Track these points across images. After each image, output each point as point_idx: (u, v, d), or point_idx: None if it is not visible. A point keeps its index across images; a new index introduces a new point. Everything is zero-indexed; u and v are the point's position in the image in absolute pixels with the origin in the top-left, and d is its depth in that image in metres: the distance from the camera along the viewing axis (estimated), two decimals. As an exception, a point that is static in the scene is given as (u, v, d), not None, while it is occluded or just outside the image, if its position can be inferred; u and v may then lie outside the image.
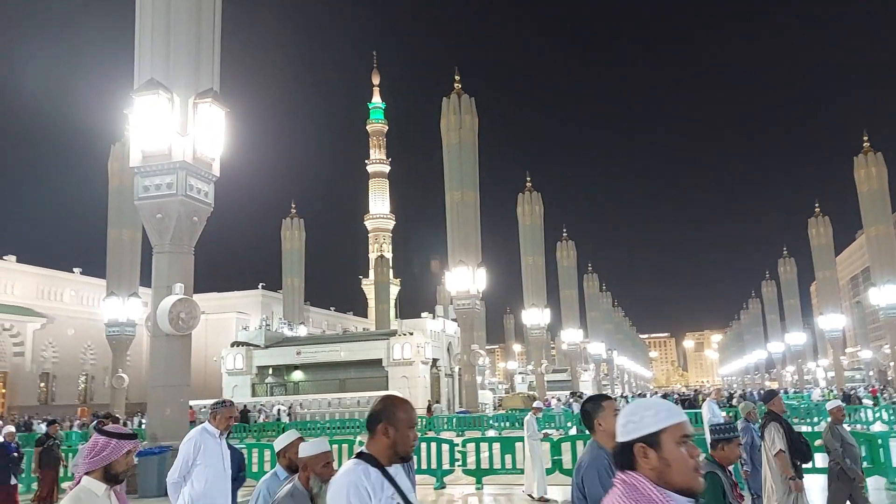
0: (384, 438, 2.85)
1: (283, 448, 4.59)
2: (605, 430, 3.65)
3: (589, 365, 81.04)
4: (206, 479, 5.66)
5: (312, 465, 3.93)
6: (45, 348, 57.09)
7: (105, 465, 3.25)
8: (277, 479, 4.46)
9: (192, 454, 5.74)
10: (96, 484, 3.26)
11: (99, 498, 3.24)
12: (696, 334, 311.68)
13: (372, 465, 2.80)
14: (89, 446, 3.31)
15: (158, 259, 16.23)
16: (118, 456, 3.28)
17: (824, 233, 60.81)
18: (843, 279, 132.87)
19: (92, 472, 3.27)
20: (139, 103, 16.04)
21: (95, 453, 3.26)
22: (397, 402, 2.98)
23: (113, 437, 3.30)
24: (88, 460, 3.27)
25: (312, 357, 46.30)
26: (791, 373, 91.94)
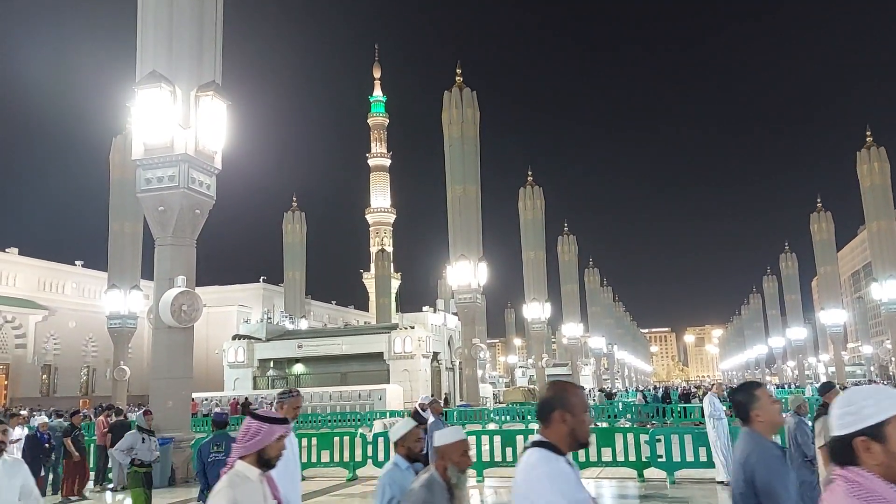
0: (562, 426, 2.73)
1: (401, 437, 4.43)
2: (764, 420, 3.48)
3: (589, 359, 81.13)
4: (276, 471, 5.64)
5: (450, 454, 3.74)
6: (46, 340, 57.22)
7: (258, 449, 3.23)
8: (399, 469, 4.30)
9: None
10: (250, 469, 3.23)
11: (253, 482, 3.22)
12: (696, 329, 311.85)
13: (556, 453, 2.69)
14: (243, 431, 3.26)
15: (160, 252, 16.25)
16: (271, 440, 3.25)
17: (826, 228, 60.69)
18: (844, 274, 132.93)
19: (245, 456, 3.24)
20: (141, 96, 16.03)
21: (249, 437, 3.22)
22: (568, 387, 2.87)
23: (266, 421, 3.25)
24: (243, 444, 3.23)
25: (314, 350, 46.35)
26: (792, 368, 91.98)
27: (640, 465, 13.67)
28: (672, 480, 13.05)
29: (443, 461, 3.74)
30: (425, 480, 3.69)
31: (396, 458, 4.39)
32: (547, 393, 2.85)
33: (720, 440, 12.72)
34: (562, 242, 65.47)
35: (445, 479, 3.68)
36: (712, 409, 13.02)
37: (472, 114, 38.95)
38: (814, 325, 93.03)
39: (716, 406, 13.10)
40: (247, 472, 3.21)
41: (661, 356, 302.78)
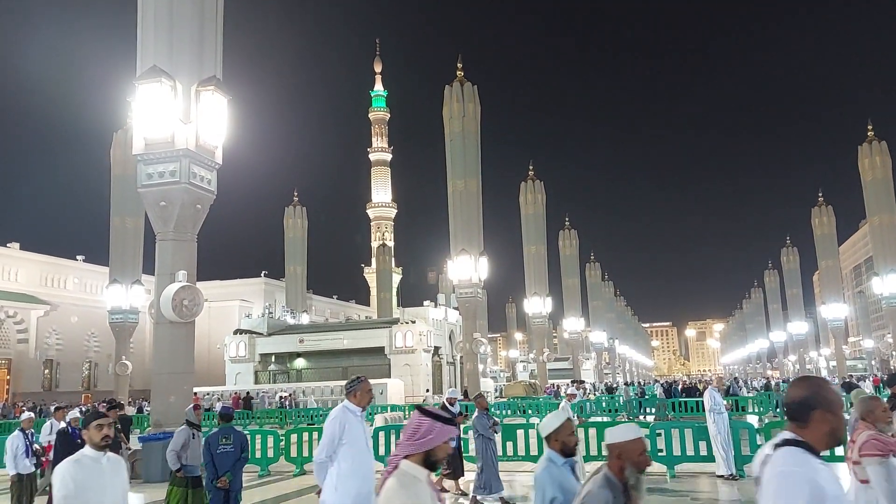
0: (822, 426, 2.59)
1: (553, 431, 4.11)
2: None
3: (591, 353, 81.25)
4: (353, 458, 5.54)
5: (629, 452, 3.43)
6: (48, 335, 57.34)
7: (427, 449, 3.02)
8: (556, 465, 3.99)
9: (338, 433, 5.58)
10: (418, 469, 3.02)
11: (422, 483, 3.01)
12: (698, 323, 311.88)
13: (812, 454, 2.55)
14: (412, 428, 3.07)
15: (162, 246, 16.27)
16: (441, 441, 3.03)
17: (827, 222, 60.65)
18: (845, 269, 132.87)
19: (411, 455, 3.04)
20: (142, 91, 16.02)
21: (420, 436, 3.03)
22: (823, 383, 2.71)
23: (438, 420, 3.05)
24: (413, 442, 3.05)
25: (315, 345, 46.46)
26: (793, 362, 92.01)
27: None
28: (672, 474, 13.09)
29: (619, 460, 3.43)
30: (603, 480, 3.38)
31: (551, 454, 4.07)
32: (802, 391, 2.68)
33: (720, 434, 12.76)
34: (563, 237, 65.46)
35: (621, 479, 3.39)
36: (713, 404, 13.06)
37: (472, 108, 38.88)
38: (815, 319, 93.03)
39: (716, 400, 13.14)
40: (415, 473, 3.00)
41: (663, 350, 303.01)
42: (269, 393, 39.54)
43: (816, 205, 61.06)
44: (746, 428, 13.83)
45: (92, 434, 4.48)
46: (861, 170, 45.43)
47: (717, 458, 12.83)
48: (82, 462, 4.40)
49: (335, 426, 5.61)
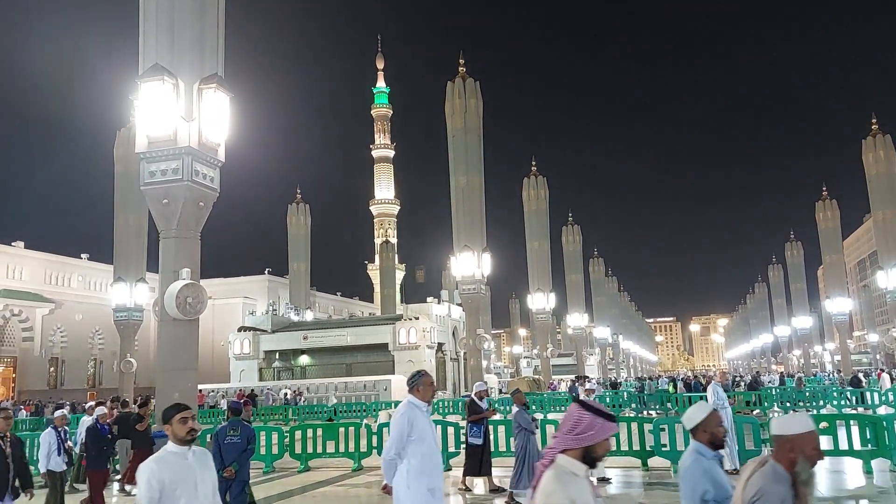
0: None
1: (700, 422, 3.92)
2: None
3: (594, 349, 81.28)
4: (422, 454, 5.49)
5: (802, 445, 3.22)
6: (53, 333, 57.55)
7: (587, 445, 2.89)
8: (705, 458, 3.83)
9: (406, 429, 5.50)
10: (576, 464, 2.90)
11: (579, 479, 2.90)
12: (702, 318, 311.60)
13: None
14: (572, 422, 2.94)
15: (165, 244, 16.29)
16: (603, 438, 2.91)
17: (831, 216, 60.49)
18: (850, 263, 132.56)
19: (569, 450, 2.91)
20: (144, 89, 16.03)
21: (581, 430, 2.89)
22: None
23: (599, 415, 2.91)
24: (572, 437, 2.91)
25: (319, 342, 46.54)
26: (797, 357, 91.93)
27: (643, 454, 13.73)
28: (676, 469, 13.09)
29: (792, 453, 3.22)
30: (773, 475, 3.18)
31: (698, 447, 3.88)
32: None
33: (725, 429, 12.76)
34: (566, 232, 65.38)
35: (792, 472, 3.20)
36: (716, 398, 13.05)
37: (475, 104, 38.86)
38: (819, 313, 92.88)
39: (719, 395, 13.13)
40: (573, 468, 2.88)
41: (667, 346, 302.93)
42: (274, 390, 39.65)
43: (820, 199, 60.89)
44: (750, 423, 13.83)
45: (176, 429, 4.18)
46: (865, 164, 45.29)
47: (720, 453, 12.83)
48: (166, 460, 4.07)
49: (403, 423, 5.53)
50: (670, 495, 11.03)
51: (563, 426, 2.97)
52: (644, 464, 13.62)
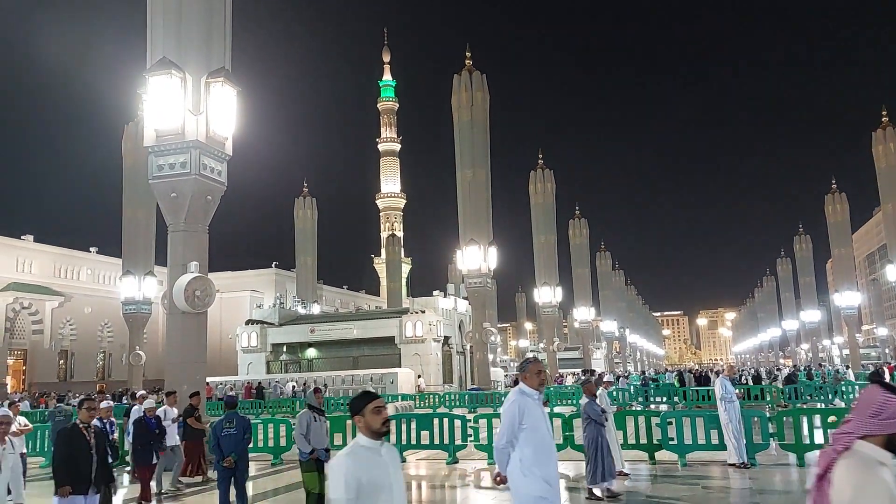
0: None
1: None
2: None
3: (601, 343, 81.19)
4: (535, 444, 5.32)
5: None
6: (63, 326, 57.92)
7: (893, 432, 2.57)
8: None
9: (518, 418, 5.32)
10: (880, 451, 2.62)
11: (885, 468, 2.59)
12: (709, 312, 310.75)
13: None
14: (876, 406, 2.60)
15: (173, 238, 16.38)
16: None
17: (841, 209, 60.12)
18: (859, 256, 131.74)
19: (871, 436, 2.62)
20: (152, 83, 16.09)
21: (889, 416, 2.57)
22: None
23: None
24: (876, 421, 2.60)
25: (326, 335, 46.67)
26: (805, 350, 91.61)
27: (651, 448, 13.74)
28: (683, 463, 13.10)
29: None
30: None
31: None
32: None
33: (732, 423, 12.74)
34: (573, 226, 65.28)
35: None
36: (724, 392, 13.04)
37: (481, 97, 38.77)
38: (828, 307, 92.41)
39: (727, 389, 13.11)
40: (877, 456, 2.58)
41: (674, 339, 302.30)
42: (281, 382, 39.81)
43: (829, 192, 60.55)
44: (758, 416, 13.81)
45: (369, 419, 3.62)
46: (875, 156, 45.00)
47: (728, 446, 12.82)
48: (361, 456, 3.55)
49: (514, 410, 5.34)
50: (677, 489, 11.03)
51: (863, 410, 2.65)
52: (651, 457, 13.63)
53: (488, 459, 14.31)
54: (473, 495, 11.72)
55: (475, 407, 29.19)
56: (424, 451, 15.67)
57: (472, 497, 11.62)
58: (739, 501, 10.25)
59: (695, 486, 11.22)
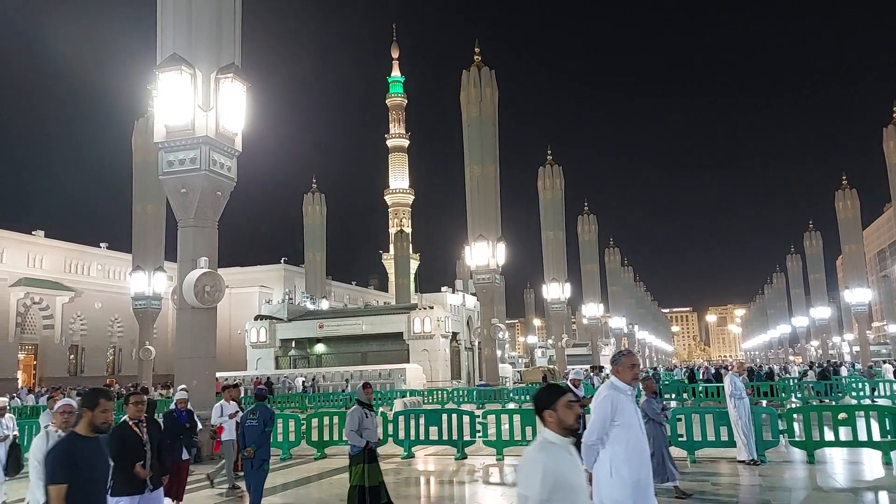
0: None
1: None
2: None
3: (610, 339, 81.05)
4: (627, 442, 5.02)
5: None
6: (73, 321, 58.30)
7: None
8: None
9: (609, 413, 5.03)
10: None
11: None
12: (719, 309, 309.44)
13: None
14: None
15: (183, 233, 16.45)
16: None
17: (851, 206, 59.73)
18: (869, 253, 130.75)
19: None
20: (162, 79, 16.15)
21: None
22: None
23: None
24: None
25: (335, 330, 46.81)
26: (815, 347, 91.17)
27: (660, 444, 13.70)
28: (693, 459, 13.07)
29: None
30: None
31: None
32: None
33: (741, 419, 12.69)
34: (582, 222, 65.16)
35: None
36: (733, 389, 12.99)
37: (490, 93, 38.73)
38: (838, 304, 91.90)
39: (737, 385, 13.06)
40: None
41: (683, 336, 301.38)
42: (290, 378, 39.97)
43: (840, 188, 60.16)
44: (768, 413, 13.75)
45: (562, 414, 3.40)
46: (886, 152, 44.69)
47: (738, 443, 12.78)
48: (555, 453, 3.30)
49: (606, 406, 5.06)
50: (687, 485, 10.98)
51: None
52: (660, 453, 13.59)
53: (497, 455, 14.33)
54: (482, 491, 11.73)
55: (483, 403, 29.21)
56: (433, 447, 15.69)
57: (481, 493, 11.63)
58: (749, 498, 10.21)
59: (704, 482, 11.18)
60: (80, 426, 4.28)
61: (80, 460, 4.06)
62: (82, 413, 4.29)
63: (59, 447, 4.17)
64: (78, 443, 4.17)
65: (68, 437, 4.25)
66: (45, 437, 6.29)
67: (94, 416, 4.22)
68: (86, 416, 4.24)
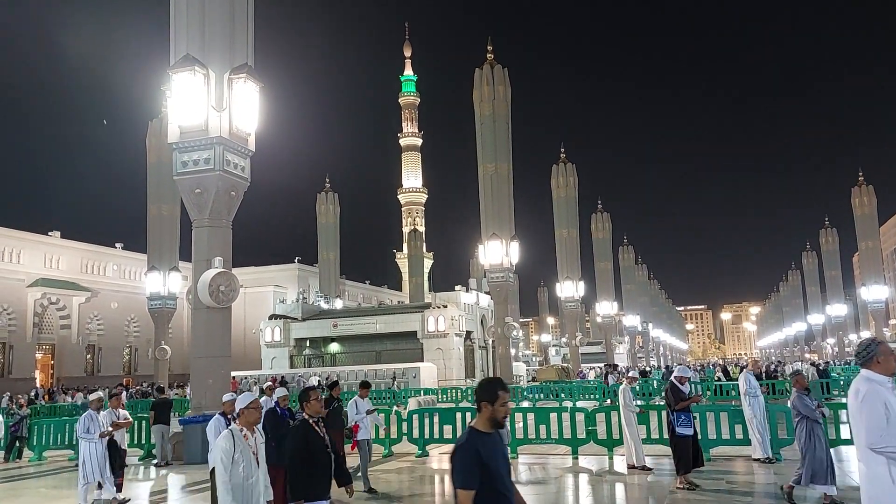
0: None
1: None
2: None
3: (624, 337, 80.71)
4: None
5: None
6: (90, 321, 58.88)
7: None
8: None
9: (884, 411, 4.30)
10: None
11: None
12: (733, 306, 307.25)
13: None
14: None
15: (198, 233, 16.56)
16: None
17: (868, 202, 59.12)
18: (886, 250, 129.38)
19: None
20: (176, 80, 16.26)
21: None
22: None
23: None
24: None
25: (349, 329, 46.94)
26: (832, 345, 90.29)
27: (675, 443, 13.64)
28: (708, 457, 12.98)
29: None
30: None
31: None
32: None
33: (756, 418, 12.61)
34: (596, 220, 64.90)
35: None
36: (748, 387, 12.91)
37: (503, 91, 38.63)
38: (854, 301, 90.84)
39: (751, 383, 12.98)
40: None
41: (698, 334, 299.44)
42: (304, 376, 40.14)
43: (857, 184, 59.55)
44: (783, 411, 13.65)
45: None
46: (904, 148, 44.12)
47: (752, 441, 12.70)
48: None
49: (877, 403, 4.28)
50: (702, 483, 10.94)
51: None
52: (675, 452, 13.53)
53: (511, 454, 14.32)
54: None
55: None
56: (447, 446, 15.71)
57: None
58: (764, 497, 10.15)
59: (719, 480, 11.12)
60: (479, 421, 3.69)
61: (488, 459, 3.57)
62: (481, 407, 3.70)
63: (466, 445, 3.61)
64: (481, 439, 3.63)
65: (469, 433, 3.66)
66: (230, 436, 5.23)
67: (495, 410, 3.68)
68: (486, 410, 3.67)
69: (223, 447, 5.12)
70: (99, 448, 10.22)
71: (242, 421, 5.35)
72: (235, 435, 5.23)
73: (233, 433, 5.25)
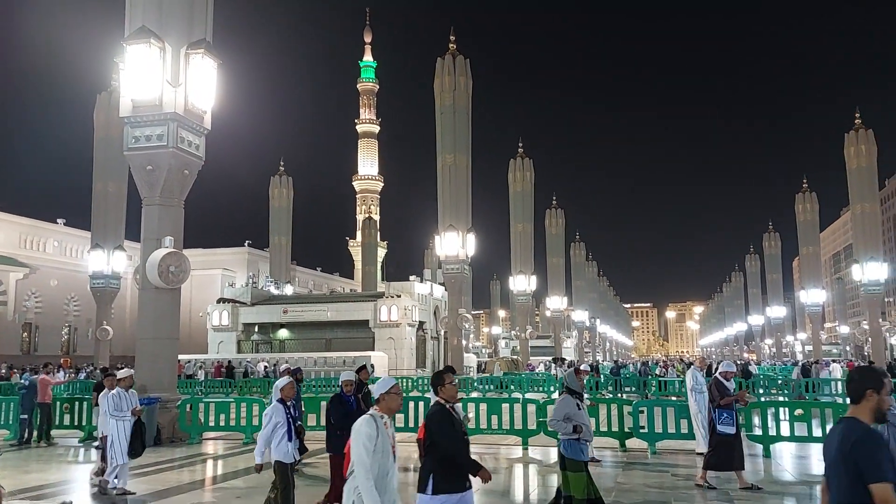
0: None
1: None
2: None
3: (572, 332, 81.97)
4: None
5: None
6: (27, 298, 56.76)
7: None
8: None
9: None
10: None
11: None
12: (678, 305, 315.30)
13: None
14: None
15: (148, 211, 16.09)
16: None
17: (811, 209, 61.25)
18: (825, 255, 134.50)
19: None
20: (130, 52, 15.71)
21: None
22: None
23: None
24: None
25: (299, 316, 46.39)
26: (769, 345, 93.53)
27: (622, 436, 13.91)
28: (653, 451, 13.29)
29: None
30: None
31: None
32: None
33: (701, 413, 12.94)
34: (550, 215, 65.55)
35: None
36: (694, 383, 13.22)
37: (464, 82, 38.56)
38: (793, 303, 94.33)
39: (697, 380, 13.30)
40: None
41: (643, 331, 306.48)
42: (253, 362, 39.54)
43: (801, 191, 61.60)
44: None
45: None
46: (846, 157, 45.74)
47: (697, 435, 13.02)
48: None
49: None
50: (648, 475, 11.19)
51: None
52: (622, 445, 13.80)
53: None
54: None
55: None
56: (399, 434, 15.66)
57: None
58: (707, 489, 10.41)
59: (664, 473, 11.38)
60: (863, 412, 3.30)
61: None
62: (867, 398, 3.29)
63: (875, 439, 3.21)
64: None
65: None
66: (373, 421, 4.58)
67: (881, 402, 3.27)
68: (871, 399, 3.28)
69: (366, 432, 4.46)
70: (128, 428, 9.90)
71: (383, 408, 4.71)
72: (377, 421, 4.58)
73: (374, 419, 4.59)
